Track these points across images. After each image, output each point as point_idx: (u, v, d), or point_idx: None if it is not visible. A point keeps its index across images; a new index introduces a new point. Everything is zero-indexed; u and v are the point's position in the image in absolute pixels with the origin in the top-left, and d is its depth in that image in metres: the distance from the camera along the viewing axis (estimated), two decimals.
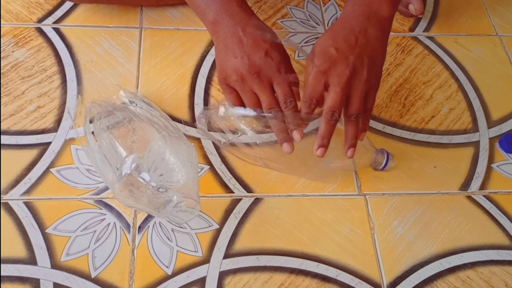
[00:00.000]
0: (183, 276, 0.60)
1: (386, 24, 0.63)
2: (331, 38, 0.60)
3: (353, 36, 0.60)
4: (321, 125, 0.59)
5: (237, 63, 0.61)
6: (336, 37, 0.60)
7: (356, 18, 0.61)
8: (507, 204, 0.69)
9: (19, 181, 0.64)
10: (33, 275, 0.58)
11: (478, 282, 0.63)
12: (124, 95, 0.71)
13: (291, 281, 0.61)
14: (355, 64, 0.58)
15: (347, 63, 0.58)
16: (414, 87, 0.80)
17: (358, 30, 0.60)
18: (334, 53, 0.59)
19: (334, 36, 0.60)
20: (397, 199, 0.68)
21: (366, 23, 0.61)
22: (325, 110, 0.58)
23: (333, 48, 0.59)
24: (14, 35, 0.78)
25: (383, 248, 0.64)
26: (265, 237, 0.63)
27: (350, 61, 0.58)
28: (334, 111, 0.58)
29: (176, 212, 0.58)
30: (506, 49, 0.87)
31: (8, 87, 0.72)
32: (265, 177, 0.68)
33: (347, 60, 0.58)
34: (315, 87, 0.59)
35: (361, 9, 0.61)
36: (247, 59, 0.60)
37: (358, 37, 0.60)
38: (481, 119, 0.77)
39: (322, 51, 0.59)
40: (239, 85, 0.62)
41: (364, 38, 0.60)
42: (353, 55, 0.59)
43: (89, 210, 0.63)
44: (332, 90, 0.58)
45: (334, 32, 0.61)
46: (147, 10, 0.83)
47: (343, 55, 0.58)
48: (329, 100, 0.58)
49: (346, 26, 0.61)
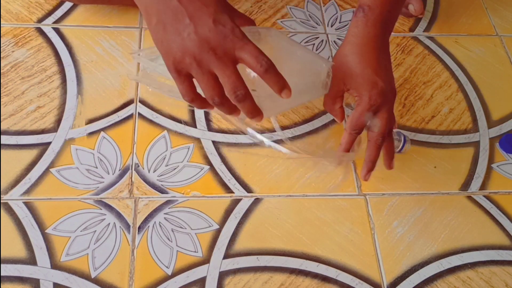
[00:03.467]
0: (183, 276, 0.60)
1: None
2: (371, 67, 0.61)
3: (387, 63, 0.63)
4: (370, 150, 0.62)
5: (185, 42, 0.49)
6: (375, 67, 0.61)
7: (376, 41, 0.62)
8: (507, 204, 0.69)
9: (19, 181, 0.64)
10: (33, 275, 0.58)
11: (478, 282, 0.63)
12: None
13: (291, 281, 0.61)
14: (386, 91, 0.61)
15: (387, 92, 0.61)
16: (414, 87, 0.80)
17: (385, 58, 0.63)
18: (381, 87, 0.60)
19: (372, 64, 0.61)
20: (397, 199, 0.68)
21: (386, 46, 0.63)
22: (375, 135, 0.61)
23: (380, 83, 0.60)
24: (14, 35, 0.78)
25: (383, 248, 0.64)
26: (265, 237, 0.63)
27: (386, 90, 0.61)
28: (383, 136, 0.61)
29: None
30: (506, 49, 0.87)
31: (8, 87, 0.72)
32: (265, 177, 0.68)
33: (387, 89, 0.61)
34: (361, 120, 0.61)
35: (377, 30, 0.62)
36: (195, 35, 0.49)
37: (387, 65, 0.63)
38: (481, 119, 0.77)
39: (368, 84, 0.60)
40: (195, 69, 0.50)
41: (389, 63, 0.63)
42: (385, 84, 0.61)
43: (89, 210, 0.63)
44: (381, 116, 0.61)
45: (366, 58, 0.61)
46: None
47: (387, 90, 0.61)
48: (380, 126, 0.61)
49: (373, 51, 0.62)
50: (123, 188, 0.65)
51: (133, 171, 0.66)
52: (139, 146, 0.69)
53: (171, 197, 0.65)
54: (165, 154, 0.68)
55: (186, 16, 0.49)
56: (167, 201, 0.65)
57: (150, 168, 0.67)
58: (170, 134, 0.70)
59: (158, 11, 0.50)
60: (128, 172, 0.66)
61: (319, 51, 0.82)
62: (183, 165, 0.68)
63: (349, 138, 0.63)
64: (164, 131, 0.70)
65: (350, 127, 0.61)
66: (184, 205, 0.64)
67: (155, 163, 0.67)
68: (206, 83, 0.51)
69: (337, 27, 0.86)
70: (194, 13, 0.49)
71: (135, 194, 0.65)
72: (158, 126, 0.71)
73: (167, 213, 0.64)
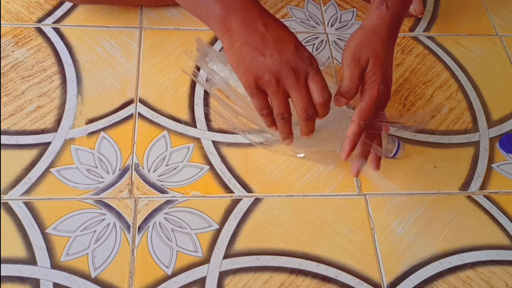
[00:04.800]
0: (183, 276, 0.60)
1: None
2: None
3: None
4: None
5: (267, 62, 0.55)
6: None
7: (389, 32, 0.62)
8: (507, 204, 0.69)
9: (19, 181, 0.64)
10: (33, 275, 0.58)
11: (478, 282, 0.63)
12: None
13: (291, 281, 0.61)
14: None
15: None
16: (414, 87, 0.80)
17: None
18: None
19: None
20: (397, 199, 0.68)
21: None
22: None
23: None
24: (14, 35, 0.78)
25: (383, 248, 0.64)
26: (265, 237, 0.63)
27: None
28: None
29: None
30: (506, 49, 0.87)
31: (8, 87, 0.72)
32: (265, 177, 0.68)
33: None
34: (371, 109, 0.60)
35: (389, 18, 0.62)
36: (278, 56, 0.55)
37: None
38: (481, 119, 0.77)
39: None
40: (272, 86, 0.56)
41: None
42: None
43: (89, 210, 0.63)
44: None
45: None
46: (147, 10, 0.83)
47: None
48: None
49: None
50: (123, 188, 0.65)
51: (133, 171, 0.66)
52: (139, 146, 0.69)
53: (171, 197, 0.65)
54: (165, 154, 0.68)
55: (270, 40, 0.55)
56: (167, 201, 0.65)
57: (150, 168, 0.67)
58: (170, 134, 0.70)
59: (243, 35, 0.56)
60: (128, 172, 0.66)
61: (319, 51, 0.82)
62: (183, 165, 0.68)
63: (358, 129, 0.59)
64: (164, 131, 0.70)
65: (360, 116, 0.59)
66: (184, 205, 0.64)
67: (155, 163, 0.67)
68: (280, 100, 0.57)
69: (337, 27, 0.86)
70: (278, 39, 0.56)
71: (135, 194, 0.65)
72: (158, 126, 0.71)
73: (167, 213, 0.64)
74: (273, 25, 0.56)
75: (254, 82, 0.56)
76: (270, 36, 0.55)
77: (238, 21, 0.56)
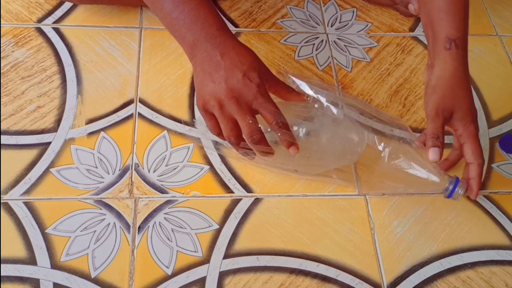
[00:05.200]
0: (183, 276, 0.60)
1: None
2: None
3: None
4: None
5: (215, 88, 0.59)
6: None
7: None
8: (507, 204, 0.69)
9: (19, 181, 0.64)
10: (33, 275, 0.58)
11: (478, 282, 0.63)
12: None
13: (291, 281, 0.61)
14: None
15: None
16: (414, 87, 0.80)
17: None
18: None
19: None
20: (397, 199, 0.68)
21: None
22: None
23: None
24: (14, 35, 0.78)
25: (383, 248, 0.64)
26: (265, 237, 0.63)
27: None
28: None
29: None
30: (506, 49, 0.87)
31: (8, 87, 0.72)
32: (265, 177, 0.68)
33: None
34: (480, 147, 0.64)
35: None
36: (224, 83, 0.59)
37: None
38: (481, 119, 0.77)
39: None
40: (217, 111, 0.60)
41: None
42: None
43: (89, 210, 0.63)
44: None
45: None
46: (147, 10, 0.83)
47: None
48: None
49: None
50: (123, 188, 0.65)
51: (133, 171, 0.66)
52: (139, 146, 0.69)
53: (171, 197, 0.65)
54: (165, 154, 0.68)
55: (222, 68, 0.59)
56: (167, 201, 0.65)
57: (150, 168, 0.67)
58: (170, 134, 0.70)
59: (203, 62, 0.61)
60: (128, 172, 0.66)
61: (319, 51, 0.82)
62: (183, 165, 0.68)
63: (480, 169, 0.63)
64: (164, 131, 0.70)
65: (478, 157, 0.62)
66: (184, 205, 0.64)
67: (155, 163, 0.67)
68: (225, 125, 0.60)
69: (337, 27, 0.86)
70: (229, 67, 0.59)
71: (135, 194, 0.65)
72: (158, 126, 0.71)
73: (167, 213, 0.64)
74: (229, 54, 0.60)
75: (202, 106, 0.61)
76: (223, 64, 0.59)
77: (201, 50, 0.61)
